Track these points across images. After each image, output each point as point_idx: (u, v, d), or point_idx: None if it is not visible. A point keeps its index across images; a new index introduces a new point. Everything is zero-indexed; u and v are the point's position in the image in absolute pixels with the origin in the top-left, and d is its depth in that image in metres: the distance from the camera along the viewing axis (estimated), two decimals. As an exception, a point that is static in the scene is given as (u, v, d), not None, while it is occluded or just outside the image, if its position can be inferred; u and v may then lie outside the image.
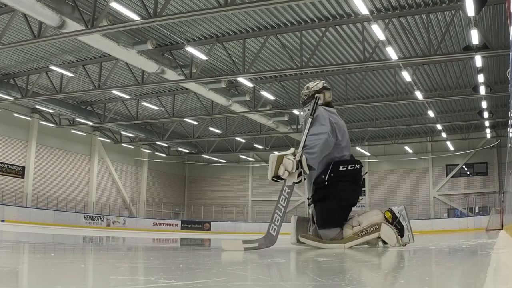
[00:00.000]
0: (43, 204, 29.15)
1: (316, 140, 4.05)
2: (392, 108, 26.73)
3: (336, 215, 4.29)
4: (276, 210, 3.83)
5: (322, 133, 4.08)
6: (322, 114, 4.22)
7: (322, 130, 4.11)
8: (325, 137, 4.07)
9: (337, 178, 4.26)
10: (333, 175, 4.24)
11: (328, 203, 4.27)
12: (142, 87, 21.51)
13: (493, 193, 32.45)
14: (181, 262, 2.62)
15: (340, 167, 4.28)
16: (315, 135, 4.07)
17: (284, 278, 2.05)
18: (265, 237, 3.74)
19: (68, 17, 13.52)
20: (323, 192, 4.29)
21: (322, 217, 4.31)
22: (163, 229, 34.84)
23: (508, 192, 13.13)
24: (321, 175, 4.28)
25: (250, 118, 26.85)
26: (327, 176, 4.24)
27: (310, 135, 4.09)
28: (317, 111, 4.23)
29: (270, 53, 18.72)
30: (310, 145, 4.03)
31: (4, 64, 20.93)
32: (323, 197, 4.30)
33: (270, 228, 3.76)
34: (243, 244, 3.71)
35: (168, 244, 6.65)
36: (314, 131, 4.11)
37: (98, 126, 31.18)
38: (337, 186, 4.26)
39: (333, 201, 4.26)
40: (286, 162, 3.87)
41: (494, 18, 15.42)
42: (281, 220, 3.80)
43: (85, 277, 1.90)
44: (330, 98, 4.54)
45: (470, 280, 1.86)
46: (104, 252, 4.06)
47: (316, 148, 4.02)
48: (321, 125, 4.14)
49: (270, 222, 3.79)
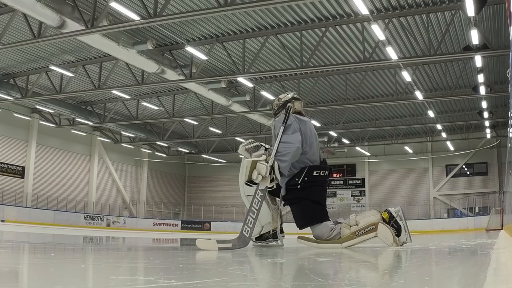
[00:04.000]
0: (43, 204, 29.15)
1: (288, 148, 4.17)
2: (392, 108, 26.74)
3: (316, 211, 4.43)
4: (250, 212, 3.93)
5: (293, 142, 4.21)
6: (293, 123, 4.36)
7: (294, 139, 4.23)
8: (297, 146, 4.21)
9: (311, 183, 4.42)
10: (307, 179, 4.40)
11: (303, 203, 4.43)
12: (142, 87, 21.52)
13: (493, 193, 32.47)
14: (181, 262, 2.63)
15: (314, 172, 4.44)
16: (287, 143, 4.20)
17: (284, 278, 2.05)
18: (239, 238, 3.81)
19: (68, 17, 13.52)
20: (297, 194, 4.44)
21: (302, 216, 4.47)
22: (163, 229, 34.84)
23: (508, 192, 13.14)
24: (295, 177, 4.42)
25: (250, 118, 26.86)
26: (300, 179, 4.39)
27: (282, 142, 4.21)
28: (289, 120, 4.37)
29: (270, 53, 18.72)
30: (282, 152, 4.15)
31: (4, 64, 20.93)
32: (298, 199, 4.46)
33: (244, 230, 3.84)
34: (217, 244, 3.79)
35: (168, 244, 6.65)
36: (286, 139, 4.23)
37: (98, 126, 31.19)
38: (311, 190, 4.43)
39: (309, 201, 4.42)
40: (259, 167, 3.99)
41: (494, 18, 15.43)
42: (253, 222, 3.89)
43: (85, 277, 1.90)
44: (300, 108, 4.68)
45: (470, 280, 1.86)
46: (104, 252, 4.07)
47: (288, 156, 4.14)
48: (292, 133, 4.28)
49: (244, 224, 3.88)
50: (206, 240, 3.95)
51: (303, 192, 4.39)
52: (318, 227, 4.37)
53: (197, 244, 3.90)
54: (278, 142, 4.22)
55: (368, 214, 4.40)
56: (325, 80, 21.92)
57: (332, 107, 24.52)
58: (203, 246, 3.86)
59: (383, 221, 4.24)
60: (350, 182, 37.73)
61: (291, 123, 4.34)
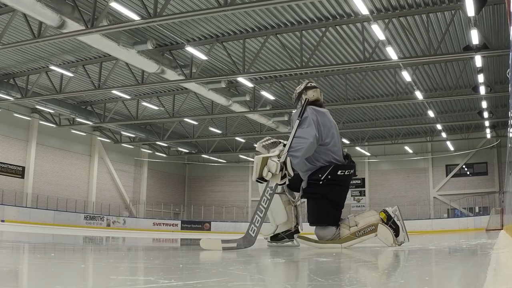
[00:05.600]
0: (43, 204, 29.15)
1: (301, 143, 4.04)
2: (392, 108, 26.74)
3: (330, 213, 4.33)
4: (257, 211, 3.83)
5: (307, 137, 4.07)
6: (309, 116, 4.21)
7: (308, 133, 4.09)
8: (310, 141, 4.06)
9: (334, 181, 4.30)
10: (330, 178, 4.28)
11: (321, 201, 4.31)
12: (142, 87, 21.52)
13: (493, 193, 32.46)
14: (181, 262, 2.63)
15: (339, 171, 4.32)
16: (301, 138, 4.07)
17: (284, 278, 2.05)
18: (244, 237, 3.73)
19: (68, 17, 13.52)
20: (317, 190, 4.32)
21: (315, 214, 4.37)
22: (163, 229, 34.83)
23: (508, 192, 13.14)
24: (319, 173, 4.29)
25: (250, 118, 26.85)
26: (324, 176, 4.27)
27: (296, 137, 4.09)
28: (305, 113, 4.22)
29: (270, 53, 18.72)
30: (295, 148, 4.03)
31: (4, 64, 20.93)
32: (317, 195, 4.34)
33: (250, 229, 3.75)
34: (222, 243, 3.71)
35: (168, 244, 6.65)
36: (300, 134, 4.10)
37: (98, 126, 31.18)
38: (333, 189, 4.32)
39: (327, 201, 4.31)
40: (270, 164, 3.87)
41: (494, 18, 15.42)
42: (261, 221, 3.79)
43: (85, 277, 1.90)
44: (314, 97, 4.46)
45: (470, 280, 1.86)
46: (104, 252, 4.06)
47: (301, 151, 4.02)
48: (307, 127, 4.13)
49: (250, 223, 3.79)
50: (210, 240, 3.89)
51: (324, 189, 4.28)
52: (325, 229, 4.33)
53: (201, 244, 3.83)
54: (292, 136, 4.10)
55: (367, 215, 4.39)
56: (325, 80, 21.91)
57: (332, 107, 24.49)
58: (207, 246, 3.80)
59: (382, 222, 4.24)
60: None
61: (307, 116, 4.19)
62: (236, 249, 3.68)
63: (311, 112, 4.25)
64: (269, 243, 4.69)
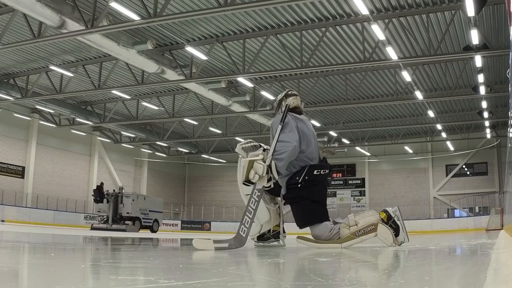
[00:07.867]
0: (43, 204, 29.14)
1: (285, 147, 4.18)
2: (392, 108, 26.74)
3: (315, 211, 4.41)
4: (246, 212, 3.92)
5: (290, 141, 4.21)
6: (291, 121, 4.36)
7: (291, 137, 4.24)
8: (294, 145, 4.20)
9: (312, 182, 4.39)
10: (308, 178, 4.37)
11: (303, 203, 4.41)
12: (142, 87, 21.53)
13: (493, 193, 32.47)
14: (181, 262, 2.63)
15: (315, 171, 4.41)
16: (284, 142, 4.21)
17: (283, 278, 2.05)
18: (235, 238, 3.81)
19: (68, 17, 13.52)
20: (297, 193, 4.41)
21: (301, 216, 4.45)
22: (163, 229, 34.76)
23: (508, 192, 13.14)
24: (295, 176, 4.38)
25: (250, 118, 26.86)
26: (301, 178, 4.36)
27: (279, 141, 4.22)
28: (287, 118, 4.37)
29: (270, 53, 18.73)
30: (279, 151, 4.16)
31: (4, 64, 20.93)
32: (298, 199, 4.43)
33: (240, 230, 3.83)
34: (214, 243, 3.78)
35: (168, 244, 6.65)
36: (283, 138, 4.24)
37: (98, 126, 31.19)
38: (312, 189, 4.40)
39: (309, 201, 4.40)
40: (256, 167, 4.01)
41: (494, 18, 15.43)
42: (250, 222, 3.88)
43: (85, 277, 1.90)
44: (294, 104, 4.62)
45: (470, 280, 1.86)
46: (104, 252, 4.07)
47: (285, 154, 4.15)
48: (289, 132, 4.28)
49: (240, 224, 3.87)
50: (202, 240, 3.95)
51: (303, 191, 4.38)
52: (317, 227, 4.36)
53: (193, 244, 3.91)
54: (275, 141, 4.23)
55: (367, 214, 4.40)
56: (325, 80, 21.92)
57: (332, 107, 24.53)
58: (199, 246, 3.86)
59: (382, 222, 4.25)
60: (350, 182, 37.74)
61: (288, 122, 4.35)
62: (228, 249, 3.72)
63: (292, 118, 4.41)
64: (256, 243, 4.78)
